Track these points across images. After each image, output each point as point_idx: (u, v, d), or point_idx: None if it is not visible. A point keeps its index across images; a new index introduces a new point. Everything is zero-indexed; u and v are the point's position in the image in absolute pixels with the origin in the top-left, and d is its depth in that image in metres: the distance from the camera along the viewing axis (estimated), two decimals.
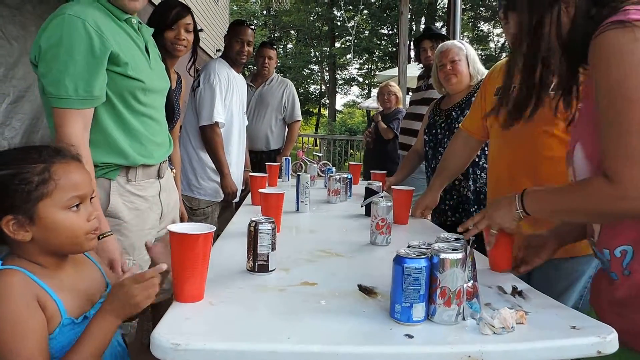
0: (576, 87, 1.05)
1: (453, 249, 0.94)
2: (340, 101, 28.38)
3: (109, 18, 1.43)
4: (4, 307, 0.89)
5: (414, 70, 5.27)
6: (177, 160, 2.36)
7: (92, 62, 1.35)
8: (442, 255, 0.92)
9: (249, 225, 1.20)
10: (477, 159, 2.23)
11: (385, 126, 3.97)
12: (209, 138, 2.70)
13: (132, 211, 1.52)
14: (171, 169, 1.96)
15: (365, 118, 20.79)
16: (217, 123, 2.69)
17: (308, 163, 3.00)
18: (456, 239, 1.08)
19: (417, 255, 0.92)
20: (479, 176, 2.28)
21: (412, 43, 3.89)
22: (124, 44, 1.45)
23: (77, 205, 0.99)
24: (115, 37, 1.41)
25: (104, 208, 1.44)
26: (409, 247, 1.00)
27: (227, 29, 3.06)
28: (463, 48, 2.39)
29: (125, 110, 1.47)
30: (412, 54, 5.67)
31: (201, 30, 2.49)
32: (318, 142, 12.98)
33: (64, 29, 1.32)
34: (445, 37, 3.34)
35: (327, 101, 25.20)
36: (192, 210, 2.72)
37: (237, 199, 2.92)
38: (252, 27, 2.98)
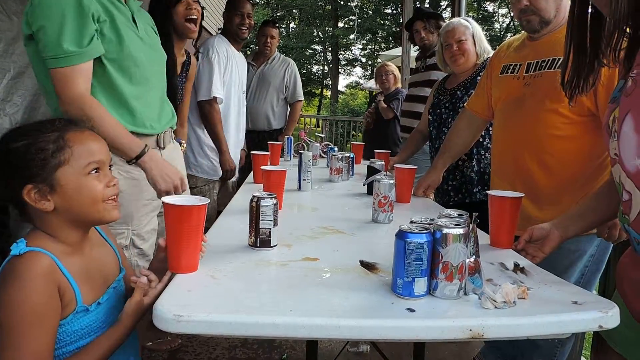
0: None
1: (456, 225, 0.93)
2: (343, 82, 28.18)
3: None
4: (26, 295, 0.90)
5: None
6: (183, 139, 2.36)
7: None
8: (445, 230, 0.92)
9: (251, 201, 1.20)
10: (481, 139, 2.22)
11: (386, 105, 3.95)
12: (207, 113, 2.68)
13: (127, 180, 1.50)
14: (180, 143, 1.95)
15: (368, 100, 20.63)
16: (215, 98, 2.67)
17: (310, 144, 2.99)
18: (459, 215, 1.08)
19: (420, 230, 0.92)
20: (483, 157, 2.27)
21: (405, 28, 3.83)
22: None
23: (96, 171, 1.01)
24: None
25: None
26: (411, 222, 1.00)
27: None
28: (469, 27, 2.36)
29: (115, 79, 1.46)
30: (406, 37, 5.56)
31: (204, 8, 2.47)
32: (320, 123, 12.93)
33: None
34: (436, 15, 3.29)
35: (330, 82, 25.01)
36: (189, 188, 2.73)
37: (234, 178, 2.92)
38: (251, 0, 2.95)
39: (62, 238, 0.99)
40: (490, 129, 2.09)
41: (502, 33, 21.99)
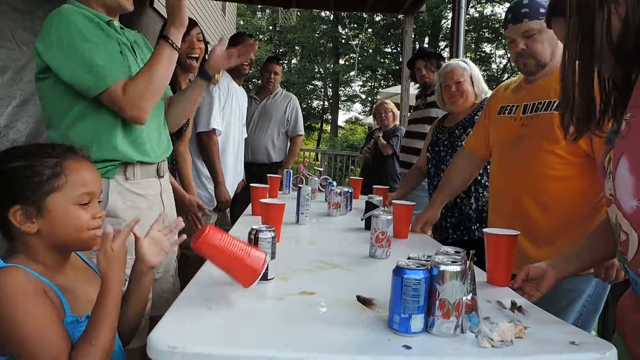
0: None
1: (453, 262, 0.94)
2: (342, 117, 28.49)
3: (94, 22, 1.47)
4: (17, 301, 0.89)
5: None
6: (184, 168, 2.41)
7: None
8: (442, 267, 0.92)
9: (249, 233, 1.20)
10: (479, 178, 2.24)
11: (385, 142, 4.00)
12: (206, 145, 2.72)
13: (131, 210, 1.51)
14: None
15: (366, 135, 20.76)
16: (214, 130, 2.72)
17: (309, 177, 3.01)
18: (456, 252, 1.08)
19: (417, 267, 0.93)
20: (481, 194, 2.29)
21: (406, 65, 3.94)
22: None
23: (86, 203, 1.01)
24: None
25: (103, 207, 1.45)
26: (409, 258, 1.00)
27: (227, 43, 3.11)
28: (467, 68, 2.41)
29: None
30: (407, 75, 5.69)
31: (208, 43, 2.54)
32: (319, 157, 13.00)
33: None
34: (437, 55, 3.39)
35: (330, 117, 25.32)
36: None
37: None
38: (253, 38, 3.03)
39: (42, 260, 0.99)
40: (488, 167, 2.12)
41: (499, 73, 22.45)
